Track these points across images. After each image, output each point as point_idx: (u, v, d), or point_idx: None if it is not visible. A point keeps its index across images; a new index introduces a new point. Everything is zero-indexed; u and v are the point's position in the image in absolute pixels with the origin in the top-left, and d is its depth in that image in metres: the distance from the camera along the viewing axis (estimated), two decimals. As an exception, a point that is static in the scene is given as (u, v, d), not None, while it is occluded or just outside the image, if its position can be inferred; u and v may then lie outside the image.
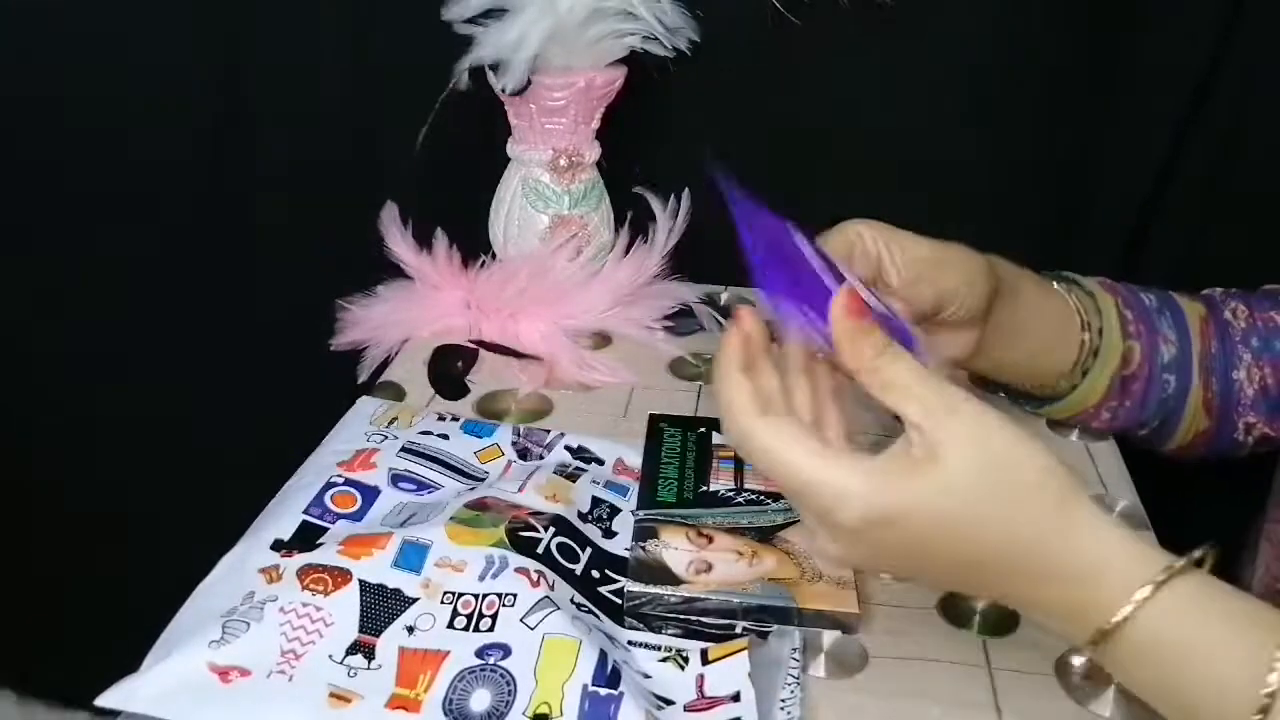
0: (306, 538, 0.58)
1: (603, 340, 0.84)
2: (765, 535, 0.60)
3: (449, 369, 0.80)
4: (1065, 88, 0.86)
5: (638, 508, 0.62)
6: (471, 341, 0.83)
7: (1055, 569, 0.45)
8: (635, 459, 0.68)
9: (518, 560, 0.55)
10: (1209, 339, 0.70)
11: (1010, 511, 0.45)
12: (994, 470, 0.45)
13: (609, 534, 0.61)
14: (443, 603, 0.53)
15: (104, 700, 0.49)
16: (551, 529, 0.58)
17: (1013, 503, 0.45)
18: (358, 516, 0.61)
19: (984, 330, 0.62)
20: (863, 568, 0.53)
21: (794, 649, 0.54)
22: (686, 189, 0.86)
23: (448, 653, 0.51)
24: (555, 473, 0.65)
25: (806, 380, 0.51)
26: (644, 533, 0.60)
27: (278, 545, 0.58)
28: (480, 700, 0.49)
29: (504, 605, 0.53)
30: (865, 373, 0.46)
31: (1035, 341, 0.67)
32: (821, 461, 0.45)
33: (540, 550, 0.57)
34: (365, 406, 0.73)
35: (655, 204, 0.84)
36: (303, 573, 0.54)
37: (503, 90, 0.79)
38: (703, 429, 0.70)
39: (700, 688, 0.51)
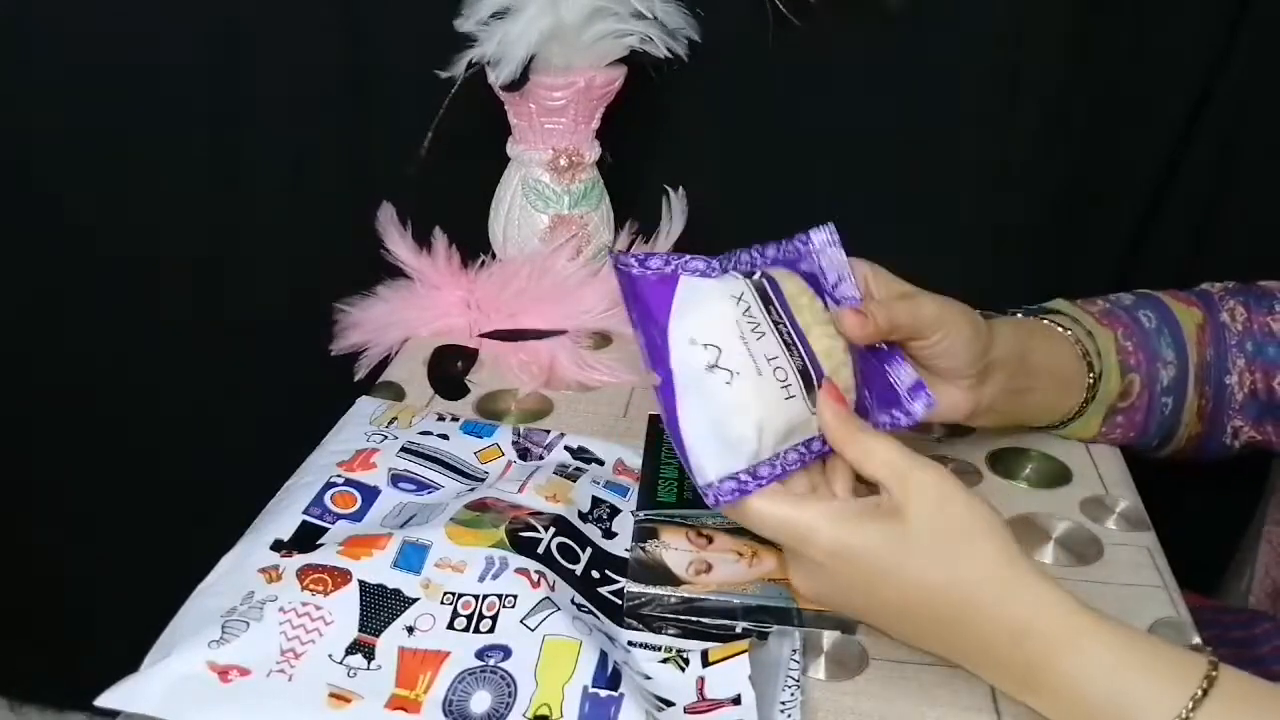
0: (306, 538, 0.58)
1: (603, 340, 0.84)
2: (765, 536, 0.60)
3: (449, 369, 0.80)
4: (1066, 89, 0.86)
5: (638, 508, 0.62)
6: (483, 335, 0.82)
7: (982, 625, 0.50)
8: (635, 460, 0.68)
9: (518, 561, 0.55)
10: (1205, 347, 0.70)
11: (951, 568, 0.50)
12: (946, 532, 0.51)
13: (609, 534, 0.61)
14: (443, 603, 0.53)
15: (104, 700, 0.49)
16: (552, 529, 0.58)
17: (955, 561, 0.50)
18: (358, 516, 0.61)
19: (983, 396, 0.64)
20: (825, 604, 0.55)
21: (794, 650, 0.54)
22: (683, 189, 0.86)
23: (448, 653, 0.51)
24: (555, 473, 0.65)
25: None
26: (644, 533, 0.60)
27: (278, 545, 0.57)
28: (480, 701, 0.49)
29: (504, 606, 0.53)
30: (847, 445, 0.54)
31: (1041, 401, 0.69)
32: (791, 506, 0.53)
33: (540, 551, 0.57)
34: (365, 406, 0.73)
35: (662, 202, 0.84)
36: (303, 573, 0.54)
37: (499, 85, 0.79)
38: (703, 429, 0.70)
39: (701, 690, 0.51)
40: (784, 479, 0.54)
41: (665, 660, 0.53)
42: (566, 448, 0.70)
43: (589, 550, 0.59)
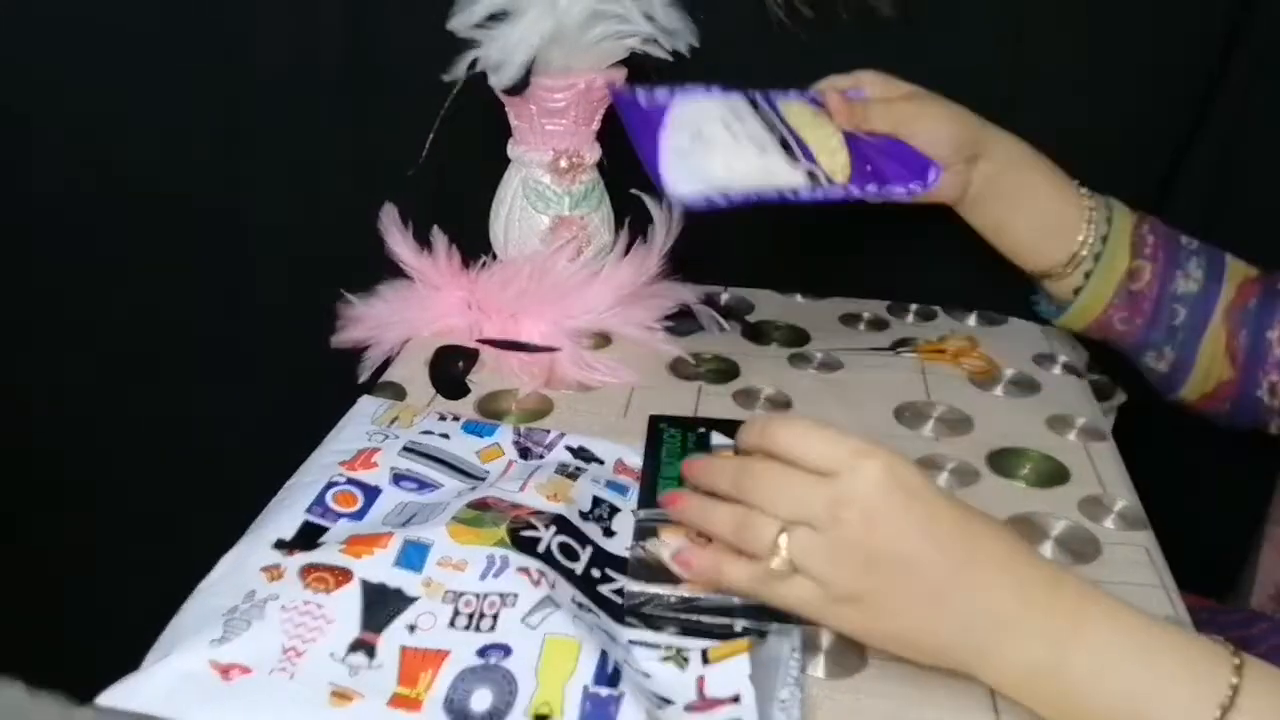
0: (308, 537, 0.59)
1: (603, 340, 0.85)
2: (765, 535, 0.60)
3: (450, 369, 0.80)
4: (1069, 90, 0.86)
5: (638, 507, 0.63)
6: (480, 341, 0.83)
7: (1021, 568, 0.50)
8: (635, 459, 0.68)
9: (519, 560, 0.55)
10: (1247, 295, 0.72)
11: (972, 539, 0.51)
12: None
13: (609, 533, 0.62)
14: (444, 602, 0.54)
15: (105, 699, 0.49)
16: (552, 528, 0.58)
17: (973, 530, 0.51)
18: (359, 515, 0.61)
19: (970, 180, 0.75)
20: (849, 572, 0.50)
21: (793, 648, 0.54)
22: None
23: (449, 652, 0.51)
24: (556, 472, 0.65)
25: None
26: (644, 532, 0.60)
27: (279, 544, 0.58)
28: (481, 700, 0.49)
29: (505, 605, 0.53)
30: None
31: (1032, 214, 0.76)
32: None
33: (541, 549, 0.57)
34: (366, 406, 0.73)
35: (652, 207, 0.84)
36: (304, 571, 0.54)
37: (500, 90, 0.79)
38: (703, 429, 0.70)
39: (701, 688, 0.51)
40: (760, 203, 0.68)
41: (665, 659, 0.53)
42: (567, 447, 0.70)
43: (589, 549, 0.59)
